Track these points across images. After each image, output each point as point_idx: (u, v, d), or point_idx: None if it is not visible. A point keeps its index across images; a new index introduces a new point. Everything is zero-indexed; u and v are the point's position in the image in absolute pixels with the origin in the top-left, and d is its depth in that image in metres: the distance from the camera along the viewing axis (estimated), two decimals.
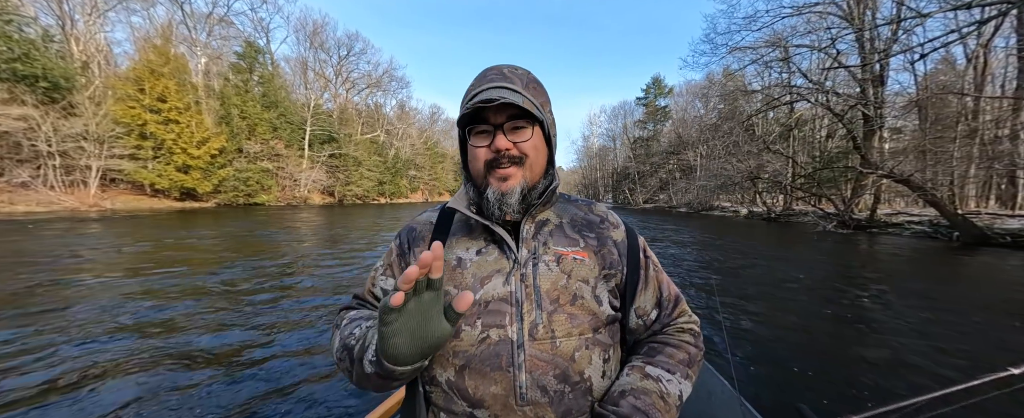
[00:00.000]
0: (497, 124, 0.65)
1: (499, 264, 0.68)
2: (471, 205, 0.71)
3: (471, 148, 0.69)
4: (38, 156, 18.76)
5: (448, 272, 0.69)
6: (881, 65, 13.57)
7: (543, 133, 0.69)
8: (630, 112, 52.58)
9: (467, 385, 0.63)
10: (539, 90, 0.70)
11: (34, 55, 17.98)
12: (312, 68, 40.92)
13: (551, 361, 0.63)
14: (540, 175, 0.71)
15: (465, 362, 0.64)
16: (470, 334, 0.65)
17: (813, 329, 3.64)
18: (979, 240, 9.73)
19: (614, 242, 0.74)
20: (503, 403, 0.62)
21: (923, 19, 9.70)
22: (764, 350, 3.12)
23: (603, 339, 0.69)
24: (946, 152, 12.64)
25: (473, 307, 0.65)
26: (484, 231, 0.71)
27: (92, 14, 24.20)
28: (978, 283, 5.77)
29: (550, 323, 0.65)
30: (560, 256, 0.69)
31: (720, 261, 7.46)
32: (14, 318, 3.47)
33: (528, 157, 0.67)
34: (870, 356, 2.98)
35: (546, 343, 0.64)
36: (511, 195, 0.66)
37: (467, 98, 0.68)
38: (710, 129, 26.38)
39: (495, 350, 0.63)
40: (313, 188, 34.92)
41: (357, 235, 10.88)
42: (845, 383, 2.55)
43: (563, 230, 0.73)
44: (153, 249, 7.32)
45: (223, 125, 26.18)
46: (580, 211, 0.78)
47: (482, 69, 0.72)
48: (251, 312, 3.84)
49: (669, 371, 0.67)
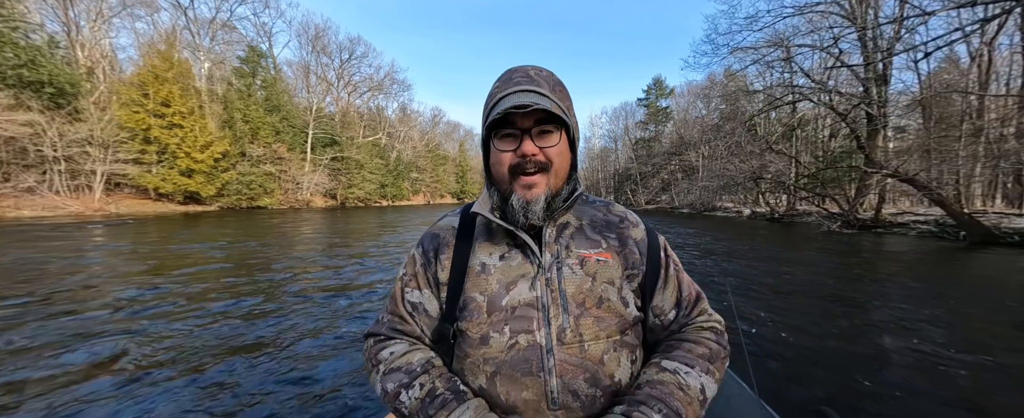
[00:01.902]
0: (524, 128, 0.64)
1: (523, 269, 0.68)
2: (495, 210, 0.70)
3: (495, 152, 0.67)
4: (44, 161, 18.91)
5: (472, 278, 0.68)
6: (884, 64, 13.52)
7: (568, 137, 0.68)
8: (631, 113, 52.58)
9: (499, 392, 0.63)
10: (564, 93, 0.69)
11: (40, 61, 18.14)
12: (314, 72, 41.21)
13: (581, 365, 0.63)
14: (564, 180, 0.70)
15: (496, 369, 0.63)
16: (499, 341, 0.64)
17: (827, 331, 3.61)
18: (986, 239, 9.64)
19: (635, 241, 0.74)
20: (535, 408, 0.62)
21: (926, 18, 9.68)
22: (780, 352, 3.09)
23: (630, 340, 0.68)
24: (951, 151, 12.56)
25: (500, 313, 0.65)
26: (506, 236, 0.70)
27: (97, 20, 24.44)
28: (990, 283, 5.71)
29: (578, 327, 0.64)
30: (583, 259, 0.69)
31: (727, 262, 7.42)
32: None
33: (553, 163, 0.66)
34: (886, 358, 2.96)
35: (575, 347, 0.63)
36: (536, 203, 0.65)
37: (493, 101, 0.66)
38: (712, 129, 26.35)
39: (525, 356, 0.63)
40: (315, 191, 35.05)
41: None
42: (865, 385, 2.52)
43: (584, 232, 0.72)
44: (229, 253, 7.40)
45: (226, 129, 26.34)
46: (598, 212, 0.77)
47: (505, 70, 0.71)
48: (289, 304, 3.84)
49: (687, 365, 0.64)
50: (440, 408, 0.60)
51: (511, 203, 0.66)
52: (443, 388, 0.63)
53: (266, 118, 30.19)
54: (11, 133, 17.35)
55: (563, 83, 0.71)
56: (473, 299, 0.67)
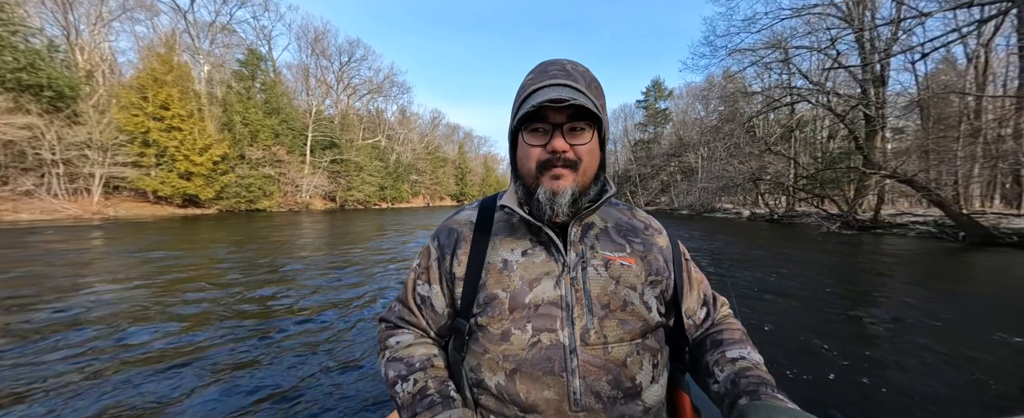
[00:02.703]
0: (556, 124, 0.62)
1: (547, 266, 0.67)
2: (521, 205, 0.69)
3: (524, 145, 0.66)
4: (42, 164, 18.86)
5: (495, 275, 0.68)
6: (881, 65, 13.59)
7: (599, 136, 0.67)
8: (630, 115, 52.72)
9: (519, 389, 0.62)
10: (599, 91, 0.67)
11: (39, 65, 18.12)
12: (314, 75, 41.23)
13: (604, 366, 0.63)
14: (592, 179, 0.68)
15: (516, 366, 0.63)
16: (520, 338, 0.64)
17: (825, 331, 3.61)
18: (985, 240, 9.66)
19: (659, 249, 0.74)
20: (557, 409, 0.61)
21: (923, 19, 9.73)
22: (781, 353, 3.09)
23: (652, 344, 0.68)
24: (949, 152, 12.60)
25: (522, 310, 0.65)
26: (530, 232, 0.70)
27: (97, 24, 24.45)
28: (989, 284, 5.72)
29: (602, 328, 0.64)
30: (608, 261, 0.69)
31: (727, 263, 7.43)
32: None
33: (583, 161, 0.64)
34: (889, 360, 2.95)
35: (598, 349, 0.63)
36: (562, 195, 0.63)
37: (525, 92, 0.64)
38: (711, 131, 26.40)
39: (547, 354, 0.63)
40: (315, 193, 35.00)
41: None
42: (864, 385, 2.52)
43: (609, 235, 0.72)
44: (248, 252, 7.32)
45: (226, 132, 26.32)
46: (623, 216, 0.78)
47: (539, 62, 0.69)
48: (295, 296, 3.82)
49: (742, 345, 0.71)
50: (426, 408, 0.62)
51: (537, 196, 0.65)
52: (434, 389, 0.64)
53: (265, 121, 30.18)
54: (10, 136, 17.32)
55: (598, 81, 0.69)
56: (494, 295, 0.66)
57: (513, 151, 0.70)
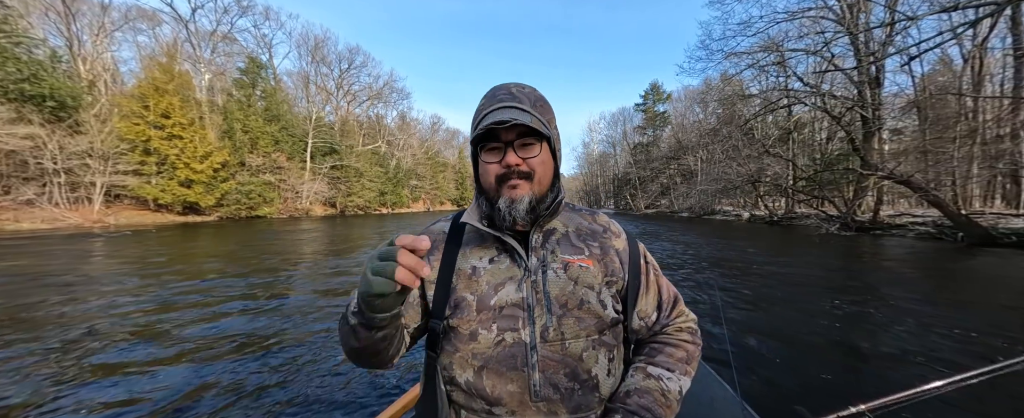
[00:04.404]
0: (507, 141, 0.69)
1: (511, 272, 0.72)
2: (483, 218, 0.75)
3: (483, 164, 0.73)
4: (44, 174, 18.95)
5: (464, 280, 0.73)
6: (876, 67, 13.66)
7: (550, 148, 0.73)
8: (629, 118, 52.92)
9: (486, 385, 0.68)
10: (546, 107, 0.74)
11: (42, 75, 18.28)
12: (314, 82, 41.50)
13: (561, 361, 0.68)
14: (547, 188, 0.74)
15: (483, 363, 0.68)
16: (487, 337, 0.69)
17: (819, 333, 3.62)
18: (984, 240, 9.64)
19: (616, 251, 0.78)
20: (519, 400, 0.67)
21: (913, 21, 9.81)
22: (768, 354, 3.10)
23: (608, 340, 0.73)
24: (946, 152, 12.61)
25: (488, 312, 0.70)
26: (495, 241, 0.75)
27: (99, 34, 24.71)
28: (985, 284, 5.72)
29: (560, 326, 0.69)
30: (567, 264, 0.73)
31: (723, 265, 7.42)
32: None
33: (536, 172, 0.71)
34: (877, 362, 2.96)
35: (556, 345, 0.69)
36: (520, 203, 0.69)
37: (478, 117, 0.72)
38: (709, 134, 26.47)
39: (511, 352, 0.68)
40: (315, 200, 35.07)
41: None
42: (851, 388, 2.52)
43: (569, 239, 0.77)
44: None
45: (226, 139, 26.44)
46: (585, 221, 0.82)
47: (490, 88, 0.76)
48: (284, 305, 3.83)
49: (669, 369, 0.73)
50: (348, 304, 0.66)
51: (498, 206, 0.71)
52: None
53: (265, 128, 30.34)
54: (12, 146, 17.43)
55: (545, 98, 0.76)
56: (463, 298, 0.72)
57: (476, 169, 0.77)
